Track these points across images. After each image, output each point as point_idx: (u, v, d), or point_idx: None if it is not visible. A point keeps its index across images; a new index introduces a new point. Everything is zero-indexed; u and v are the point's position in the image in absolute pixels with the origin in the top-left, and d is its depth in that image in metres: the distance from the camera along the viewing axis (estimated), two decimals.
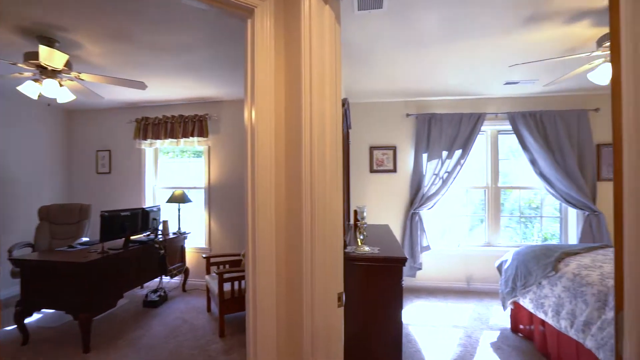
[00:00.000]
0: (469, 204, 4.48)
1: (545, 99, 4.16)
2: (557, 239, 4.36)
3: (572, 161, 3.96)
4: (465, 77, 3.42)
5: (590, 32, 2.36)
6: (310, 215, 1.17)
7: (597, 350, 1.89)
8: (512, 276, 2.92)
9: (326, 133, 1.21)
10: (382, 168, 4.36)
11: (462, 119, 4.11)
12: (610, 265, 2.33)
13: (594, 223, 3.94)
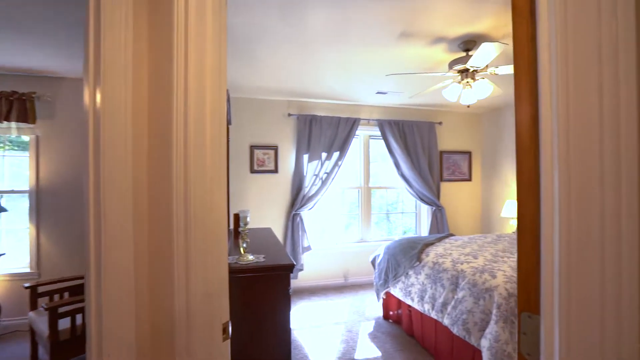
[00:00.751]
0: (344, 204, 4.77)
1: (406, 111, 4.79)
2: (413, 232, 5.09)
3: (424, 165, 4.67)
4: (345, 82, 3.59)
5: (444, 56, 2.78)
6: (184, 229, 0.90)
7: (452, 326, 2.20)
8: (384, 269, 3.19)
9: (207, 123, 0.96)
10: (264, 168, 4.20)
11: (340, 122, 4.33)
12: (457, 252, 2.78)
13: (439, 216, 4.75)
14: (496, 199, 4.86)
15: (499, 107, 4.78)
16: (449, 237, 3.54)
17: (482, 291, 2.08)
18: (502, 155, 4.78)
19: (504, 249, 2.91)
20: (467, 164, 5.10)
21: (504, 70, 2.46)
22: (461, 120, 5.11)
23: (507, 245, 3.08)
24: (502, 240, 3.36)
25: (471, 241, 3.27)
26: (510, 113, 4.60)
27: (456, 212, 5.03)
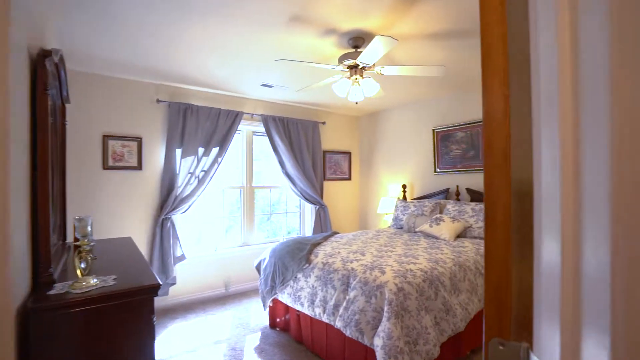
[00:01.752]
0: (225, 205, 4.31)
1: (292, 108, 4.68)
2: (298, 232, 5.02)
3: (308, 164, 4.65)
4: (227, 69, 3.18)
5: (333, 51, 2.72)
6: None
7: (345, 329, 2.12)
8: (270, 274, 2.94)
9: None
10: (123, 164, 3.38)
11: (221, 114, 3.88)
12: (345, 250, 2.76)
13: (322, 215, 4.80)
14: (372, 197, 5.25)
15: (375, 111, 5.17)
16: (334, 235, 3.56)
17: (373, 289, 2.05)
18: (377, 156, 5.18)
19: (386, 244, 3.05)
20: (347, 163, 5.35)
21: (390, 71, 2.55)
22: (342, 122, 5.33)
23: (387, 240, 3.26)
24: (382, 235, 3.57)
25: (355, 238, 3.35)
26: (385, 117, 5.04)
27: (338, 210, 5.21)
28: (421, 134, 4.51)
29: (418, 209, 3.97)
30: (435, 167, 4.33)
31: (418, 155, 4.55)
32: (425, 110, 4.46)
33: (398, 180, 4.81)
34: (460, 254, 2.65)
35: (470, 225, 3.35)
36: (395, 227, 4.16)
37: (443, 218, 3.42)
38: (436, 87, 3.90)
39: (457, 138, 4.09)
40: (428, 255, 2.58)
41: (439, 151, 4.29)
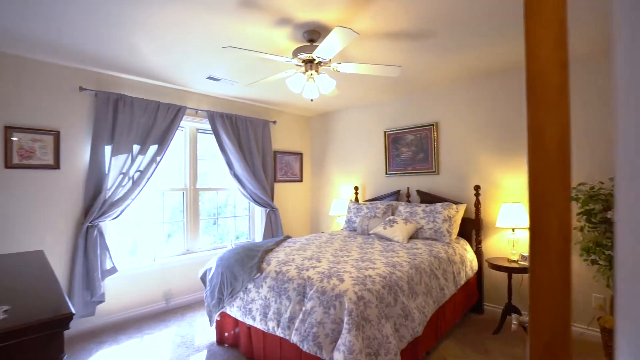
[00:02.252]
0: (165, 209, 3.89)
1: (241, 105, 4.39)
2: (247, 236, 4.73)
3: (258, 164, 4.40)
4: (169, 57, 2.83)
5: (287, 44, 2.54)
6: None
7: (301, 343, 1.95)
8: (217, 285, 2.67)
9: None
10: (33, 162, 2.84)
11: (160, 108, 3.47)
12: (299, 256, 2.59)
13: (273, 218, 4.58)
14: (324, 199, 5.15)
15: (327, 111, 5.09)
16: (287, 240, 3.38)
17: (331, 298, 1.92)
18: (329, 158, 5.10)
19: (341, 248, 2.95)
20: (298, 164, 5.19)
21: (346, 68, 2.44)
22: (294, 122, 5.16)
23: (341, 243, 3.16)
24: (336, 238, 3.47)
25: (309, 242, 3.20)
26: (337, 118, 4.97)
27: (289, 213, 5.02)
28: (373, 135, 4.52)
29: (371, 210, 3.95)
30: (386, 169, 4.36)
31: (370, 157, 4.56)
32: (377, 112, 4.49)
33: (350, 182, 4.78)
34: (415, 256, 2.64)
35: (422, 226, 3.40)
36: (349, 230, 4.10)
37: (396, 220, 3.43)
38: (389, 89, 3.92)
39: (407, 140, 4.16)
40: (385, 259, 2.52)
41: (390, 153, 4.33)
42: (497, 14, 2.19)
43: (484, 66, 3.20)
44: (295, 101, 4.42)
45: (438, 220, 3.33)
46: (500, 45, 2.68)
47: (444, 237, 3.25)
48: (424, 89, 3.92)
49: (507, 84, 3.37)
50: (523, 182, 3.28)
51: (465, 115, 3.68)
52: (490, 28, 2.39)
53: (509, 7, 2.10)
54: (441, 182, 3.86)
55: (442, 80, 3.61)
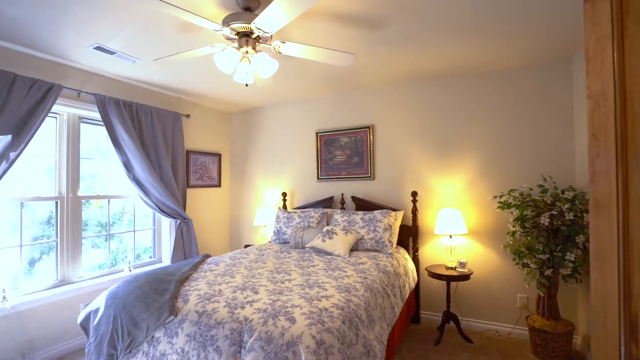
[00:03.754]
0: (26, 226, 2.81)
1: (145, 92, 3.51)
2: (151, 254, 3.83)
3: (167, 166, 3.58)
4: (31, 9, 1.94)
5: (214, 11, 1.95)
6: None
7: None
8: (108, 335, 1.90)
9: None
10: None
11: (17, 83, 2.45)
12: (228, 287, 2.02)
13: (185, 231, 3.80)
14: (247, 207, 4.55)
15: (251, 108, 4.50)
16: (207, 260, 2.73)
17: (281, 348, 1.42)
18: (253, 160, 4.52)
19: (277, 268, 2.45)
20: (216, 167, 4.48)
21: (290, 49, 1.98)
22: (212, 117, 4.44)
23: (275, 262, 2.67)
24: (267, 254, 2.95)
25: (235, 262, 2.62)
26: (263, 115, 4.44)
27: (205, 224, 4.27)
28: (303, 137, 4.14)
29: (304, 220, 3.54)
30: (318, 174, 4.02)
31: (300, 161, 4.16)
32: (308, 111, 4.11)
33: (277, 188, 4.29)
34: (365, 274, 2.31)
35: (362, 236, 3.13)
36: (278, 242, 3.61)
37: (335, 231, 3.08)
38: (324, 85, 3.59)
39: (341, 143, 3.89)
40: (334, 280, 2.13)
41: (322, 156, 4.00)
42: (458, 8, 2.02)
43: (427, 68, 3.10)
44: (214, 92, 3.74)
45: (379, 229, 3.11)
46: (451, 43, 2.57)
47: (386, 247, 3.03)
48: (361, 88, 3.70)
49: (445, 88, 3.37)
50: (459, 188, 3.29)
51: (402, 118, 3.57)
52: (446, 24, 2.23)
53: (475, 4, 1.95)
54: (377, 188, 3.68)
55: (382, 79, 3.44)
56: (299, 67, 3.00)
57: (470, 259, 3.19)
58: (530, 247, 2.62)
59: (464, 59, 2.86)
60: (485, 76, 3.19)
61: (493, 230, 3.13)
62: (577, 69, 2.80)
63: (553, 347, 2.60)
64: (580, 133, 2.76)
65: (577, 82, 2.80)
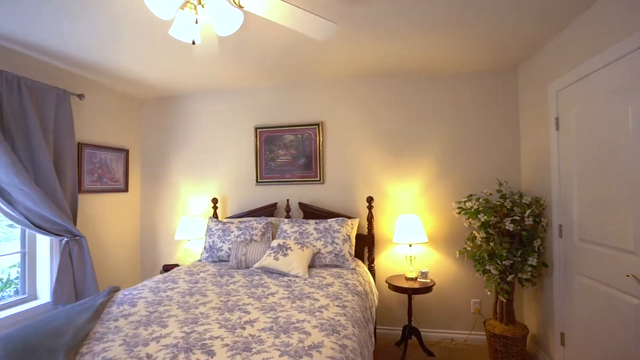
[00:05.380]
0: None
1: (11, 54, 2.42)
2: (18, 288, 2.69)
3: (46, 163, 2.56)
4: None
5: None
6: None
7: None
8: None
9: None
10: None
11: None
12: (159, 345, 1.34)
13: (76, 252, 2.79)
14: (165, 216, 3.65)
15: (172, 94, 3.63)
16: (114, 298, 1.93)
17: None
18: (172, 158, 3.66)
19: (224, 305, 1.82)
20: (122, 166, 3.49)
21: (255, 4, 1.42)
22: (116, 101, 3.44)
23: (218, 292, 2.02)
24: (202, 280, 2.27)
25: (161, 298, 1.90)
26: (186, 104, 3.62)
27: (105, 242, 3.26)
28: (239, 132, 3.50)
29: (244, 232, 2.92)
30: (258, 176, 3.43)
31: (235, 160, 3.50)
32: (246, 103, 3.49)
33: (206, 193, 3.54)
34: (340, 300, 1.87)
35: (319, 250, 2.69)
36: (212, 261, 2.91)
37: (289, 245, 2.57)
38: (266, 72, 3.04)
39: (285, 141, 3.38)
40: (310, 316, 1.63)
41: (262, 156, 3.43)
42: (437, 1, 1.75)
43: (390, 64, 2.83)
44: (120, 67, 2.83)
45: (337, 240, 2.71)
46: (426, 37, 2.32)
47: (347, 261, 2.65)
48: (310, 79, 3.26)
49: (401, 88, 3.16)
50: (415, 193, 3.12)
51: (356, 117, 3.26)
52: (425, 15, 1.95)
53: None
54: (327, 193, 3.29)
55: (338, 72, 3.06)
56: (237, 45, 2.41)
57: (426, 267, 3.04)
58: (493, 252, 2.55)
59: (426, 58, 2.68)
60: (442, 79, 3.09)
61: (448, 236, 3.04)
62: (522, 81, 2.88)
63: (513, 352, 2.57)
64: (525, 142, 2.84)
65: (522, 93, 2.88)
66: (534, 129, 2.69)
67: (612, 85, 1.83)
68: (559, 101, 2.36)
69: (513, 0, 1.91)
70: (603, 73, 1.90)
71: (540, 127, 2.60)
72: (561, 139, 2.34)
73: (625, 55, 1.73)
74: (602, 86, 1.92)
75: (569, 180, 2.25)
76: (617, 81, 1.79)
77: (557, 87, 2.36)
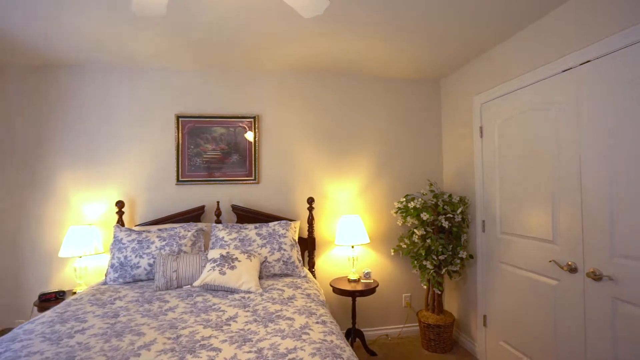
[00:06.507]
0: None
1: None
2: None
3: None
4: None
5: None
6: None
7: None
8: None
9: None
10: None
11: None
12: None
13: None
14: (42, 226, 2.70)
15: (55, 62, 2.71)
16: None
17: None
18: (53, 148, 2.75)
19: (178, 339, 1.40)
20: None
21: None
22: None
23: (159, 325, 1.55)
24: (124, 312, 1.73)
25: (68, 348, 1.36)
26: (84, 77, 2.76)
27: None
28: (155, 120, 2.87)
29: (170, 243, 2.39)
30: (179, 174, 2.88)
31: (148, 154, 2.86)
32: (165, 84, 2.88)
33: (105, 195, 2.78)
34: (317, 317, 1.67)
35: (265, 258, 2.40)
36: (123, 283, 2.28)
37: (235, 256, 2.20)
38: (193, 51, 2.56)
39: (215, 135, 2.94)
40: (297, 341, 1.38)
41: (185, 151, 2.90)
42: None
43: (337, 59, 2.73)
44: None
45: (285, 246, 2.47)
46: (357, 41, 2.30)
47: (297, 269, 2.44)
48: (247, 66, 2.90)
49: (344, 87, 3.11)
50: (354, 193, 3.11)
51: (296, 112, 3.05)
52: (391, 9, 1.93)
53: None
54: (264, 193, 2.99)
55: (280, 61, 2.79)
56: (159, 13, 1.94)
57: (365, 267, 3.07)
58: (430, 248, 2.73)
59: (365, 59, 2.69)
60: (380, 81, 3.17)
61: (383, 236, 3.14)
62: (444, 91, 3.20)
63: (444, 339, 2.81)
64: (449, 147, 3.16)
65: (444, 102, 3.20)
66: (459, 135, 3.00)
67: (531, 102, 2.16)
68: (482, 112, 2.67)
69: (436, 27, 2.11)
70: (523, 92, 2.23)
71: (465, 134, 2.91)
72: (485, 145, 2.66)
73: (541, 80, 2.06)
74: (522, 103, 2.24)
75: (492, 181, 2.57)
76: (536, 99, 2.12)
77: (481, 100, 2.67)
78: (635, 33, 1.55)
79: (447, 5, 1.91)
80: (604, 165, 1.70)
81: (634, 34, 1.55)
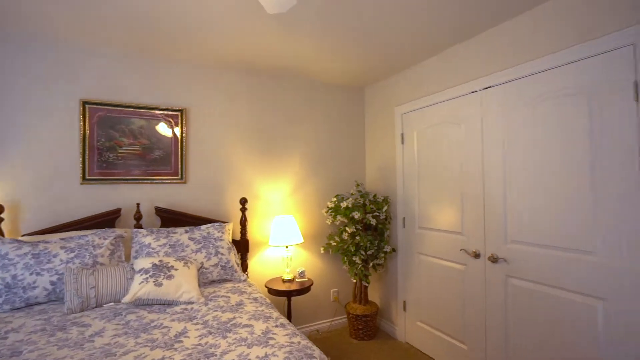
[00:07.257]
0: None
1: None
2: None
3: None
4: None
5: None
6: None
7: None
8: None
9: None
10: None
11: None
12: None
13: None
14: None
15: None
16: None
17: None
18: None
19: None
20: None
21: None
22: None
23: (95, 353, 1.31)
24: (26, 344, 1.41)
25: None
26: None
27: None
28: (52, 105, 2.34)
29: (79, 254, 2.00)
30: (85, 172, 2.42)
31: (41, 147, 2.32)
32: (68, 63, 2.37)
33: None
34: (274, 320, 1.64)
35: (202, 264, 2.22)
36: (13, 309, 1.80)
37: (171, 264, 1.97)
38: (114, 28, 2.21)
39: (133, 127, 2.57)
40: (266, 347, 1.34)
41: (93, 143, 2.45)
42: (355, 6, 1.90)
43: (267, 60, 2.68)
44: None
45: (222, 250, 2.33)
46: (291, 40, 2.36)
47: (236, 273, 2.33)
48: (174, 53, 2.61)
49: (276, 85, 3.07)
50: (286, 193, 3.11)
51: (227, 108, 2.89)
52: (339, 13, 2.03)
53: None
54: (191, 194, 2.75)
55: (210, 55, 2.60)
56: None
57: (297, 266, 3.11)
58: (359, 245, 2.94)
59: (298, 59, 2.76)
60: (311, 84, 3.25)
61: (313, 235, 3.24)
62: (368, 98, 3.49)
63: (370, 327, 3.06)
64: (372, 150, 3.45)
65: (367, 109, 3.49)
66: (382, 140, 3.30)
67: (445, 116, 2.56)
68: (403, 121, 3.01)
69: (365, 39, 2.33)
70: (438, 107, 2.62)
71: (387, 139, 3.22)
72: (405, 150, 3.00)
73: (454, 98, 2.47)
74: (437, 116, 2.63)
75: (411, 182, 2.93)
76: (449, 114, 2.52)
77: (402, 111, 3.00)
78: (520, 71, 1.99)
79: (376, 22, 2.09)
80: (500, 171, 2.13)
81: (520, 71, 1.99)
